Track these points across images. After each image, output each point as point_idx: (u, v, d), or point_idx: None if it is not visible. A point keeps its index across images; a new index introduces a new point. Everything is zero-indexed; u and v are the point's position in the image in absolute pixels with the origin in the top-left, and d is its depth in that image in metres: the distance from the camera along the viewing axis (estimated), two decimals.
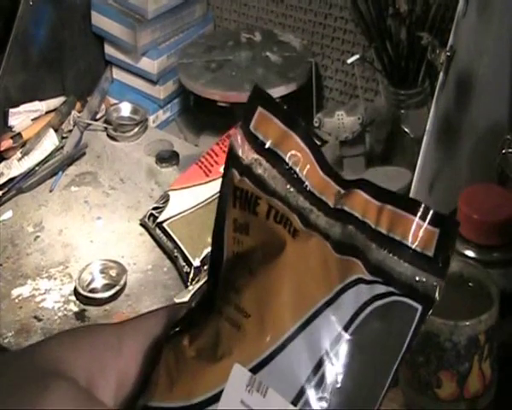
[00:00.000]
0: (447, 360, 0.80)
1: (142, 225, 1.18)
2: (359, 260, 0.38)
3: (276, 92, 1.24)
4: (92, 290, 1.09)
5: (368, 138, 1.20)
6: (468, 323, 0.79)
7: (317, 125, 1.16)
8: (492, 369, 0.82)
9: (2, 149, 1.28)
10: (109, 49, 1.43)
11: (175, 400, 0.37)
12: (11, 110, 1.32)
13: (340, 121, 1.16)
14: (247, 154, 0.39)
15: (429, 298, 0.37)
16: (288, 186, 0.39)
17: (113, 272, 1.10)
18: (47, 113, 1.36)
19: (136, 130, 1.33)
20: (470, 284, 0.83)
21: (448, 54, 0.88)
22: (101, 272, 1.10)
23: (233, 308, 0.38)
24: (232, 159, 0.39)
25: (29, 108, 1.34)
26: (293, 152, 0.39)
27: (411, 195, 0.87)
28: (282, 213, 0.38)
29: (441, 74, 0.88)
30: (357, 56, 1.15)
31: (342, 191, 0.39)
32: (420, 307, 0.37)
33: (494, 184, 0.95)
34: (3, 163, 1.28)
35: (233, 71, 1.32)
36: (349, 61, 1.15)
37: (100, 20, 1.40)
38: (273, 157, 0.39)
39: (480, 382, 0.81)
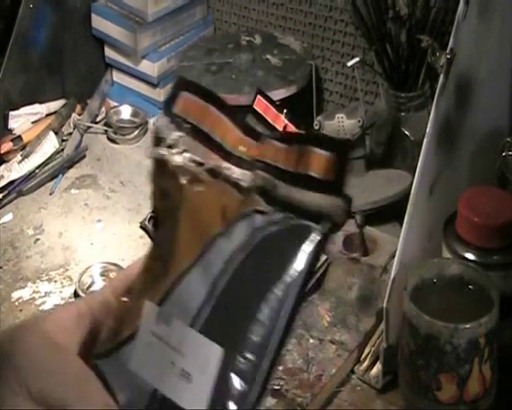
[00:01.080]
0: (447, 363, 0.80)
1: (143, 227, 1.18)
2: (261, 196, 0.43)
3: (277, 95, 1.23)
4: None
5: (368, 141, 1.20)
6: (468, 326, 0.79)
7: (317, 127, 1.16)
8: (492, 371, 0.82)
9: (2, 151, 1.28)
10: (109, 52, 1.43)
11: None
12: (11, 113, 1.32)
13: (340, 124, 1.16)
14: (171, 134, 0.46)
15: (331, 218, 0.42)
16: (208, 151, 0.46)
17: (113, 275, 1.10)
18: (47, 115, 1.36)
19: (136, 132, 1.33)
20: (470, 286, 0.83)
21: (448, 56, 0.88)
22: (102, 274, 1.10)
23: (149, 258, 0.47)
24: (157, 140, 0.47)
25: (29, 111, 1.34)
26: (211, 121, 0.46)
27: (411, 197, 0.87)
28: (190, 170, 0.46)
29: (441, 77, 0.88)
30: (357, 59, 1.15)
31: (258, 144, 0.45)
32: (318, 227, 0.42)
33: (494, 186, 0.94)
34: (4, 166, 1.28)
35: (233, 74, 1.32)
36: (349, 63, 1.15)
37: (100, 23, 1.40)
38: (194, 130, 0.46)
39: (481, 384, 0.81)
